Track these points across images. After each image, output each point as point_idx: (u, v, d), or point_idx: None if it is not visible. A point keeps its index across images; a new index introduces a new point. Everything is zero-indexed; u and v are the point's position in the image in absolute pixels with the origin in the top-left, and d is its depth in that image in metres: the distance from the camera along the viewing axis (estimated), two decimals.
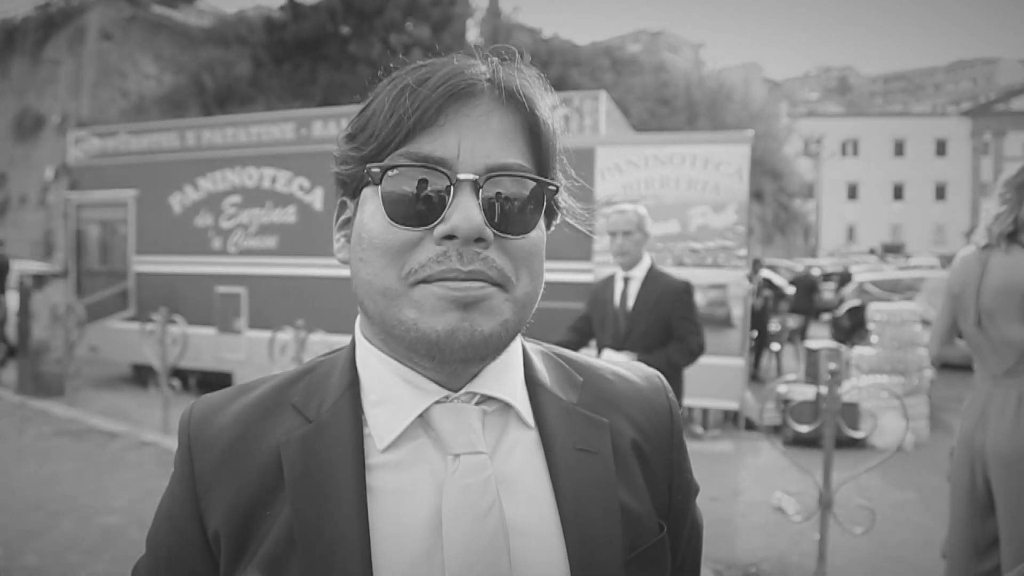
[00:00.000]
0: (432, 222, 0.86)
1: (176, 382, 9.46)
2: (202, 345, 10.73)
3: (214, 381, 10.64)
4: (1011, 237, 3.11)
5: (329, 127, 11.38)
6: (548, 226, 0.99)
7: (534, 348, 1.08)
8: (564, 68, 29.74)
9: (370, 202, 0.90)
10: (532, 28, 35.80)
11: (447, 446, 0.90)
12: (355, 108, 1.00)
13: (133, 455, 8.01)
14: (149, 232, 11.70)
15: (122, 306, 11.88)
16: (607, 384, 1.07)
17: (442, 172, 0.86)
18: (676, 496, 1.07)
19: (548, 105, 0.95)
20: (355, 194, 0.94)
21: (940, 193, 56.94)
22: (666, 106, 35.33)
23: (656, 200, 8.54)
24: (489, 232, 0.85)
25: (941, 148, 57.06)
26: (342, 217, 1.00)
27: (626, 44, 62.67)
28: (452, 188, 0.85)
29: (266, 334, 9.55)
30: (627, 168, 8.72)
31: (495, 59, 0.95)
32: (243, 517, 0.89)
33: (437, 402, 0.92)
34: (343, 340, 1.07)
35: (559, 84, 26.24)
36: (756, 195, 34.20)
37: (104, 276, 12.28)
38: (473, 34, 33.76)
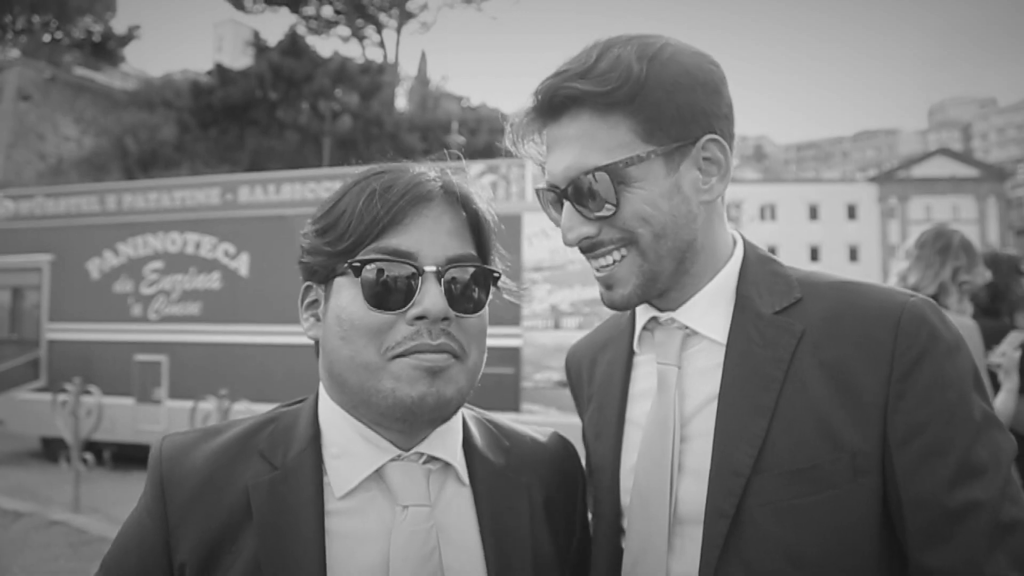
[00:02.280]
0: (404, 306, 1.03)
1: (89, 456, 9.01)
2: (119, 416, 10.30)
3: (131, 454, 10.17)
4: (934, 299, 3.28)
5: (256, 192, 11.25)
6: (487, 300, 1.16)
7: (470, 415, 1.25)
8: (491, 135, 30.32)
9: (346, 290, 1.06)
10: (460, 96, 36.60)
11: (397, 498, 1.06)
12: (283, 173, 1.19)
13: (40, 536, 7.55)
14: (64, 298, 11.28)
15: (32, 376, 11.34)
16: (528, 449, 1.26)
17: (411, 264, 1.04)
18: (577, 545, 1.27)
19: (486, 204, 1.16)
20: (324, 280, 1.10)
21: (853, 255, 59.56)
22: None
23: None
24: (452, 312, 1.04)
25: (852, 212, 59.87)
26: (308, 300, 1.15)
27: None
28: (420, 277, 1.04)
29: (188, 404, 9.24)
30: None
31: (442, 167, 1.15)
32: (210, 549, 1.02)
33: (391, 459, 1.08)
34: (268, 410, 1.21)
35: (486, 151, 26.72)
36: None
37: (13, 344, 11.73)
38: (402, 102, 34.24)
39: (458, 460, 1.14)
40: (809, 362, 1.12)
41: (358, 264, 1.03)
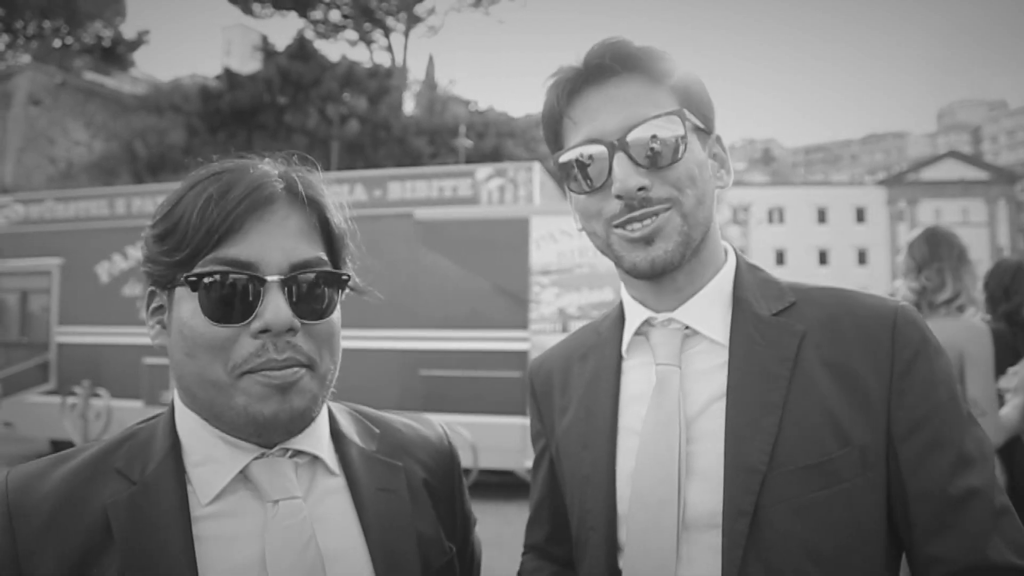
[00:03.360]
0: (247, 319, 1.00)
1: None
2: (127, 419, 10.21)
3: None
4: (950, 302, 3.28)
5: None
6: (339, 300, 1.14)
7: (337, 407, 1.25)
8: (499, 139, 30.34)
9: (186, 302, 1.02)
10: (467, 100, 36.60)
11: (266, 494, 1.04)
12: None
13: None
14: (73, 301, 11.32)
15: (41, 379, 11.38)
16: (399, 434, 1.27)
17: (251, 275, 1.00)
18: (460, 523, 1.30)
19: (335, 202, 1.14)
20: (166, 287, 1.06)
21: (862, 258, 59.29)
22: None
23: (591, 268, 8.72)
24: (297, 322, 1.02)
25: (860, 215, 59.64)
26: (154, 305, 1.11)
27: None
28: (262, 288, 1.00)
29: None
30: (561, 237, 8.90)
31: (284, 162, 1.12)
32: None
33: (255, 458, 1.06)
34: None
35: (494, 155, 26.71)
36: None
37: (23, 348, 11.76)
38: (409, 106, 34.25)
39: (325, 451, 1.13)
40: (813, 361, 1.16)
41: (194, 278, 0.99)
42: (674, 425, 1.17)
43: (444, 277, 9.23)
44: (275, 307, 0.99)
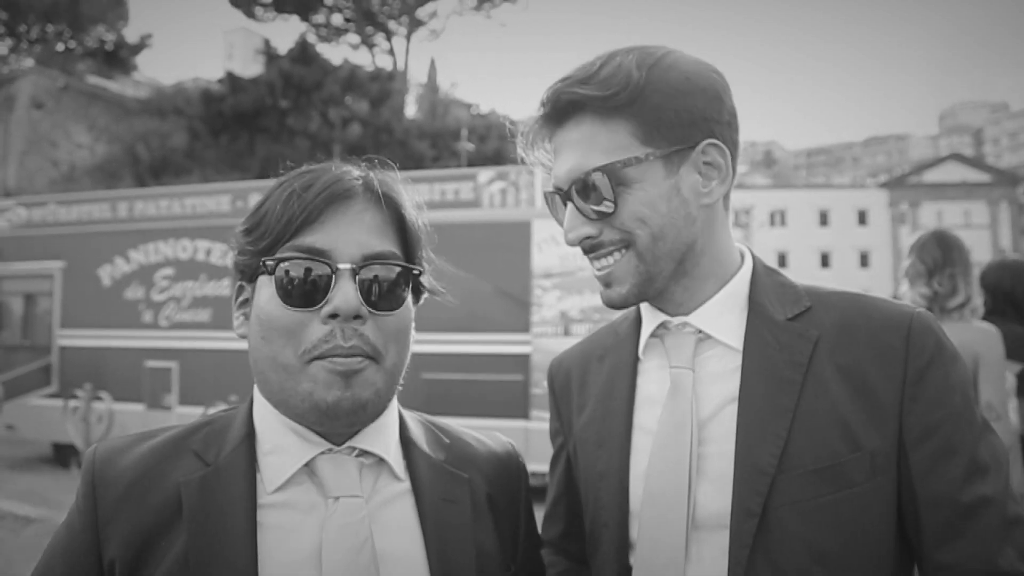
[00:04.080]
0: (318, 304, 1.04)
1: None
2: (129, 422, 10.31)
3: None
4: (963, 306, 3.31)
5: None
6: (416, 302, 1.21)
7: (409, 415, 1.28)
8: (501, 142, 30.33)
9: (265, 288, 1.08)
10: (469, 103, 36.67)
11: (328, 490, 1.07)
12: None
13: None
14: (76, 305, 11.33)
15: (44, 382, 11.39)
16: (469, 447, 1.28)
17: (324, 262, 1.05)
18: (524, 544, 1.29)
19: (412, 203, 1.18)
20: (252, 279, 1.13)
21: (864, 260, 59.20)
22: None
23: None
24: (365, 309, 1.05)
25: (862, 218, 59.50)
26: (241, 298, 1.18)
27: None
28: (333, 275, 1.05)
29: (198, 410, 9.25)
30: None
31: (367, 165, 1.17)
32: (140, 545, 1.02)
33: (321, 453, 1.09)
34: None
35: (496, 158, 26.71)
36: None
37: (25, 350, 11.79)
38: (411, 110, 34.25)
39: (392, 455, 1.15)
40: (826, 366, 1.16)
41: (272, 262, 1.06)
42: (686, 427, 1.18)
43: (446, 280, 9.22)
44: (344, 293, 1.04)
